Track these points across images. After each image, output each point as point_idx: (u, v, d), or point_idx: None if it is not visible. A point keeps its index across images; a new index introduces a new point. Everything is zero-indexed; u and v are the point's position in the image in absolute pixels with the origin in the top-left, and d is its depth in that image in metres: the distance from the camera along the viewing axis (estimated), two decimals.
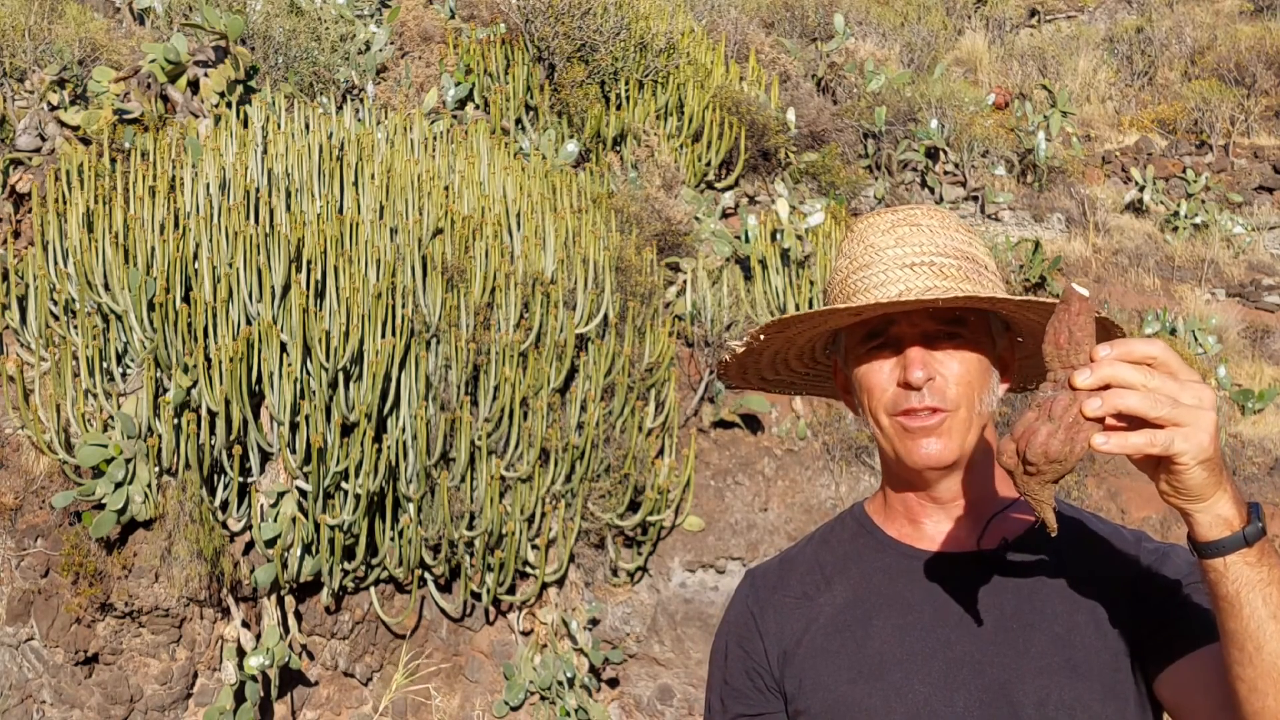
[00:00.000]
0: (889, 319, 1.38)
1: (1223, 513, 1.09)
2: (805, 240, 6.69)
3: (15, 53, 6.38)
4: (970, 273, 1.39)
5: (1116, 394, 1.05)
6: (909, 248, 1.40)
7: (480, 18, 8.33)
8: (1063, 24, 13.30)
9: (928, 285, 1.36)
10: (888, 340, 1.39)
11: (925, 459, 1.37)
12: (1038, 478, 1.10)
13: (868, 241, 1.43)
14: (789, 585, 1.51)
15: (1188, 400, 1.05)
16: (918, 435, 1.37)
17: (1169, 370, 1.07)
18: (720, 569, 5.70)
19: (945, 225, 1.43)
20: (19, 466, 4.79)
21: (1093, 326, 1.10)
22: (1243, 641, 1.11)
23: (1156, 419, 1.05)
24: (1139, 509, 6.34)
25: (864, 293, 1.39)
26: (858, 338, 1.42)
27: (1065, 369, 1.10)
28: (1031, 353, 1.50)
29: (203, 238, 5.14)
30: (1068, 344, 1.09)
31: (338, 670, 5.15)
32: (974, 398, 1.38)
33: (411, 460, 5.06)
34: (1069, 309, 1.10)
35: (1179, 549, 1.41)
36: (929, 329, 1.37)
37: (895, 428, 1.39)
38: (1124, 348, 1.07)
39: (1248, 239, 9.46)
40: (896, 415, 1.38)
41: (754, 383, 1.61)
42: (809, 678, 1.42)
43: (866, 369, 1.41)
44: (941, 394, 1.36)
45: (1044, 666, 1.33)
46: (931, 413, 1.36)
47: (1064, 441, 1.07)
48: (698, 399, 6.07)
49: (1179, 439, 1.04)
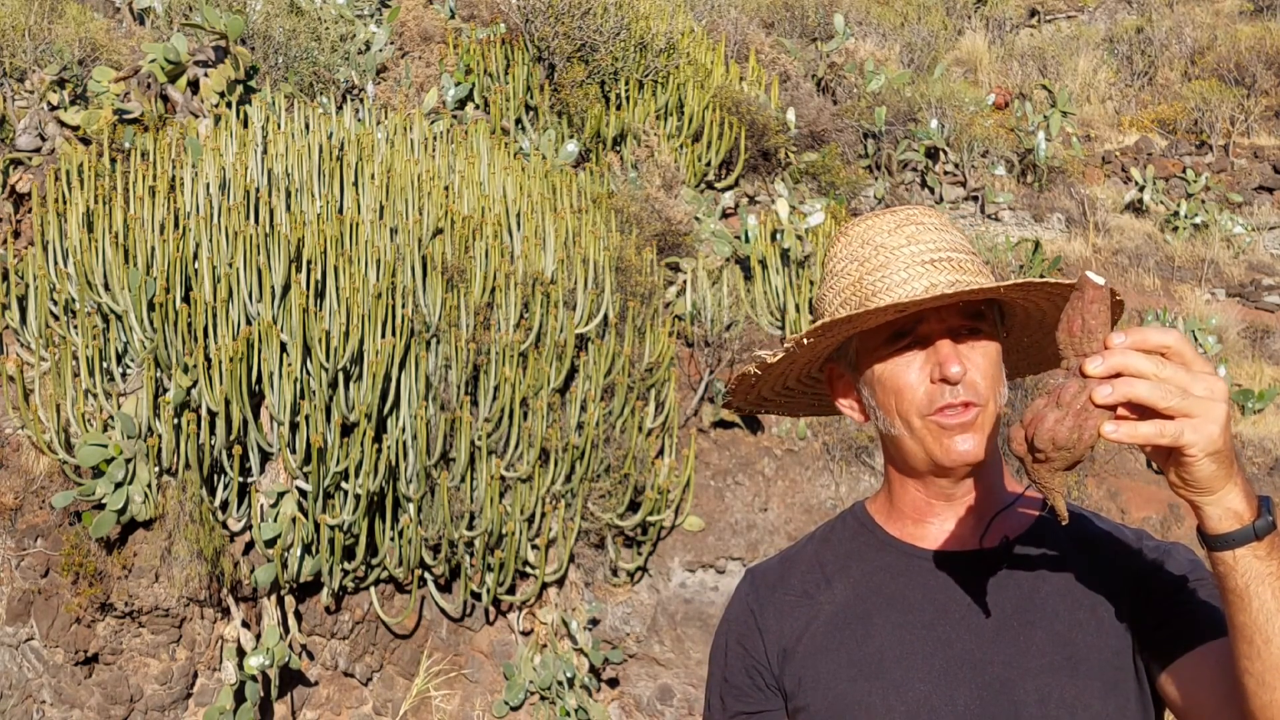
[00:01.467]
0: (918, 317, 1.36)
1: (1233, 505, 1.08)
2: (805, 240, 6.69)
3: (15, 53, 6.38)
4: (980, 267, 1.40)
5: (1127, 382, 1.04)
6: (922, 245, 1.39)
7: (480, 18, 8.33)
8: (1063, 24, 13.30)
9: (953, 280, 1.35)
10: (915, 338, 1.37)
11: (962, 455, 1.36)
12: (1046, 465, 1.09)
13: (875, 243, 1.41)
14: (789, 583, 1.50)
15: (1199, 391, 1.04)
16: (954, 432, 1.35)
17: (1182, 360, 1.06)
18: (720, 569, 5.70)
19: (944, 224, 1.43)
20: (19, 466, 4.79)
21: (1107, 315, 1.09)
22: (1251, 635, 1.11)
23: (1166, 409, 1.04)
24: (1139, 509, 6.34)
25: (887, 292, 1.36)
26: (881, 339, 1.39)
27: (1078, 356, 1.09)
28: (1014, 345, 1.50)
29: (203, 238, 5.14)
30: (1081, 331, 1.09)
31: (338, 670, 5.15)
32: (997, 391, 1.38)
33: (411, 460, 5.06)
34: (1083, 296, 1.09)
35: (1180, 547, 1.41)
36: (954, 324, 1.36)
37: (930, 427, 1.36)
38: (1138, 336, 1.06)
39: (1248, 239, 9.47)
40: (932, 415, 1.36)
41: (754, 404, 1.59)
42: (809, 676, 1.42)
43: (893, 369, 1.38)
44: (975, 388, 1.35)
45: (1045, 664, 1.33)
46: (965, 408, 1.35)
47: (1072, 429, 1.06)
48: (698, 399, 6.07)
49: (1189, 430, 1.03)
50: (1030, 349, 1.53)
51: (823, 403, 1.57)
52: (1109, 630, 1.34)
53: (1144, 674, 1.34)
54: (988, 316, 1.39)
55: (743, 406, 1.60)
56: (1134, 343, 1.06)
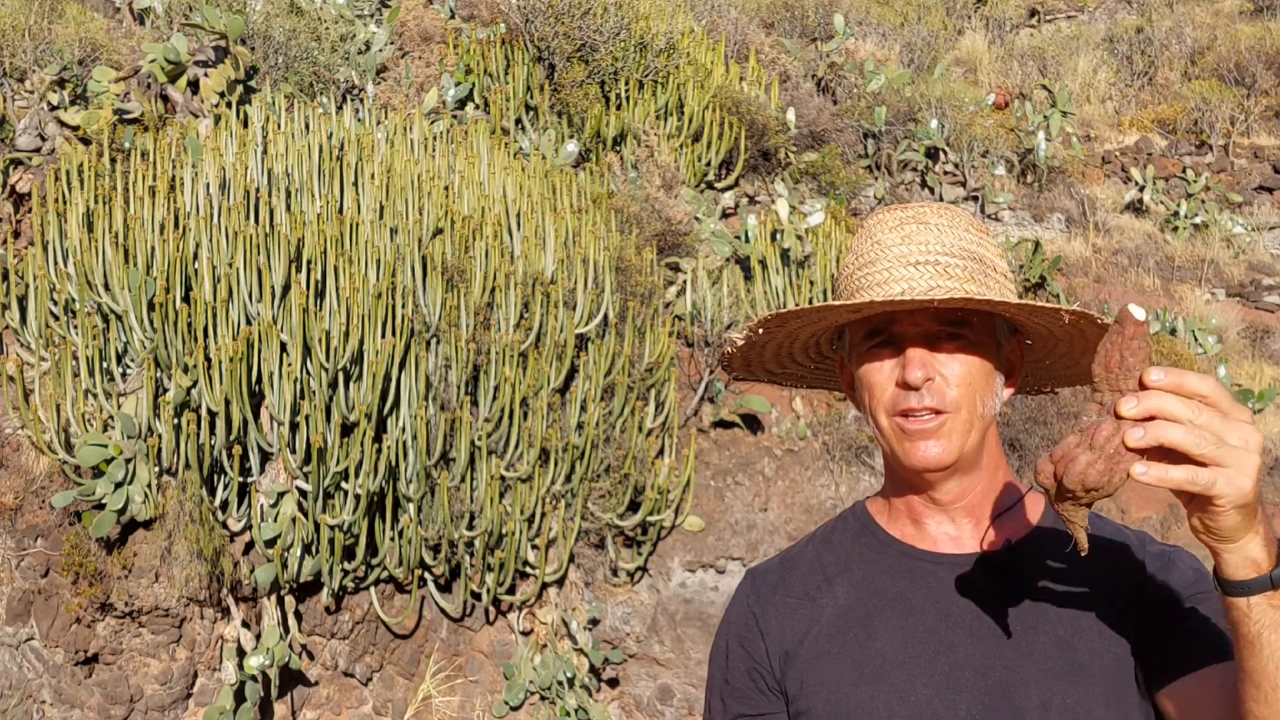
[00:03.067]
0: (891, 318, 1.37)
1: (1252, 554, 1.08)
2: (805, 240, 6.69)
3: (15, 53, 6.38)
4: (976, 273, 1.37)
5: (1161, 426, 1.02)
6: (914, 246, 1.38)
7: (480, 18, 8.33)
8: (1063, 24, 13.30)
9: (930, 285, 1.34)
10: (889, 339, 1.38)
11: (924, 460, 1.36)
12: (1073, 501, 1.08)
13: (875, 238, 1.42)
14: (791, 585, 1.50)
15: (1234, 441, 1.03)
16: (915, 437, 1.36)
17: (1219, 408, 1.04)
18: (720, 569, 5.70)
19: (954, 224, 1.41)
20: (19, 466, 4.79)
21: (1146, 351, 1.06)
22: (1260, 680, 1.10)
23: (1200, 457, 1.02)
24: (1139, 509, 6.34)
25: (866, 290, 1.38)
26: (860, 335, 1.41)
27: (1113, 393, 1.07)
28: (1040, 356, 1.49)
29: (203, 238, 5.14)
30: (1118, 368, 1.06)
31: (338, 670, 5.15)
32: (975, 400, 1.36)
33: (411, 460, 5.06)
34: (1123, 332, 1.06)
35: (1183, 554, 1.40)
36: (930, 329, 1.36)
37: (894, 428, 1.37)
38: (1175, 379, 1.04)
39: (1248, 239, 9.47)
40: (895, 415, 1.37)
41: (759, 374, 1.60)
42: (811, 678, 1.41)
43: (867, 368, 1.40)
44: (941, 395, 1.35)
45: (1047, 670, 1.33)
46: (932, 414, 1.35)
47: (1103, 472, 1.04)
48: (698, 399, 6.07)
49: (1221, 480, 1.02)
50: (1048, 362, 1.52)
51: (839, 381, 1.58)
52: (1111, 638, 1.34)
53: (1144, 685, 1.34)
54: (974, 324, 1.37)
55: (746, 375, 1.61)
56: (1171, 385, 1.04)
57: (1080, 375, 1.53)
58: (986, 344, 1.39)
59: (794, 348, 1.53)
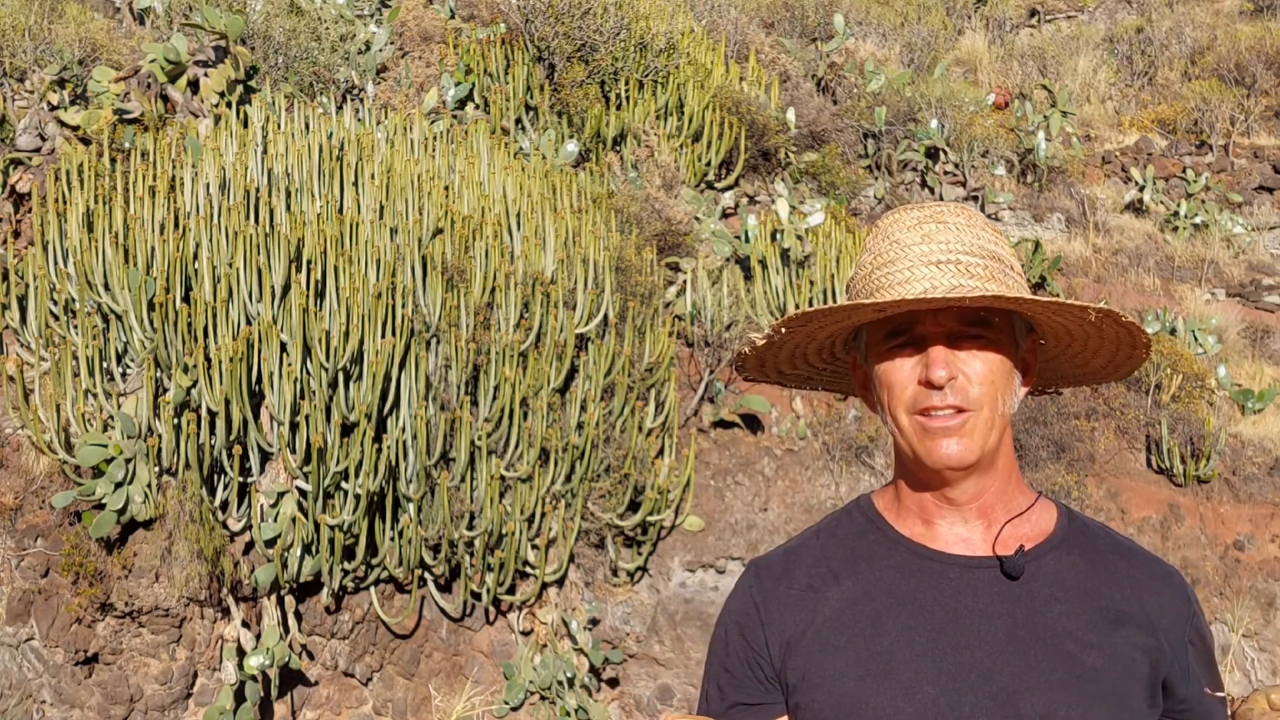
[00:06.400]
0: (913, 317, 1.36)
1: None
2: (805, 240, 6.69)
3: (15, 53, 6.38)
4: (996, 272, 1.37)
5: None
6: (935, 245, 1.38)
7: (480, 18, 8.33)
8: (1063, 24, 13.30)
9: (953, 284, 1.34)
10: (911, 338, 1.37)
11: (945, 459, 1.36)
12: None
13: (893, 238, 1.41)
14: (794, 577, 1.49)
15: None
16: (938, 435, 1.35)
17: None
18: (720, 569, 5.70)
19: (972, 224, 1.41)
20: (19, 466, 4.79)
21: None
22: None
23: None
24: (1139, 509, 6.34)
25: (888, 289, 1.37)
26: (880, 334, 1.40)
27: None
28: (1053, 355, 1.49)
29: (203, 238, 5.14)
30: None
31: (338, 670, 5.15)
32: (996, 398, 1.37)
33: (411, 460, 5.06)
34: None
35: (1207, 634, 1.44)
36: (953, 328, 1.36)
37: (915, 427, 1.37)
38: None
39: (1248, 239, 9.47)
40: (917, 414, 1.36)
41: (772, 376, 1.60)
42: (813, 671, 1.41)
43: (888, 366, 1.39)
44: (964, 394, 1.35)
45: (1052, 680, 1.33)
46: (955, 412, 1.35)
47: None
48: (698, 399, 6.07)
49: None
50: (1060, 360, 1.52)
51: (850, 383, 1.57)
52: (1119, 656, 1.34)
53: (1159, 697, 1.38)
54: (995, 323, 1.37)
55: (758, 377, 1.60)
56: None
57: (1086, 376, 1.53)
58: (1006, 343, 1.39)
59: (809, 348, 1.53)
